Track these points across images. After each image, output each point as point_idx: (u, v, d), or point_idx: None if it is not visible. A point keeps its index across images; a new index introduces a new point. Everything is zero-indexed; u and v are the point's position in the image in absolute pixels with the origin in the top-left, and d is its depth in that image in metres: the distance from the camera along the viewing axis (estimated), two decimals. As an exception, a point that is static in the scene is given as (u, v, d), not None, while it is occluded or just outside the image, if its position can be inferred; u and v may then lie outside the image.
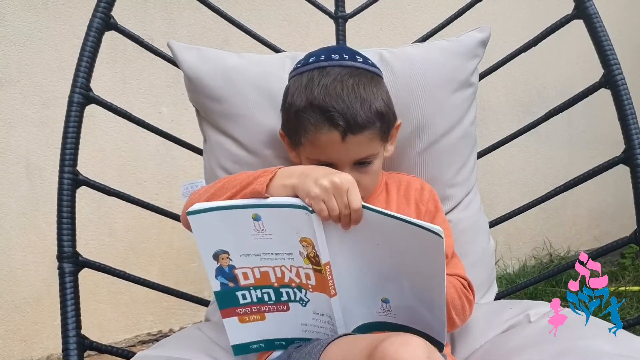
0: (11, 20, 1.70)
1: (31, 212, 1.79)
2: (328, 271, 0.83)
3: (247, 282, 0.87)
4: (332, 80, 0.94)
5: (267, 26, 1.93)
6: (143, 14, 1.83)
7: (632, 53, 2.49)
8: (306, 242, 0.82)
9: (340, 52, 1.00)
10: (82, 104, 1.13)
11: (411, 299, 0.86)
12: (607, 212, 2.69)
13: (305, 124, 0.95)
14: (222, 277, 0.86)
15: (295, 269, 0.85)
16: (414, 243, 0.80)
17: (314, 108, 0.94)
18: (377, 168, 1.01)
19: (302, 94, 0.96)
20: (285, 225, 0.82)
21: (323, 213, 0.81)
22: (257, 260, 0.85)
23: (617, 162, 1.15)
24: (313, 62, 1.00)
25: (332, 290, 0.85)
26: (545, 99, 2.44)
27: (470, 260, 1.18)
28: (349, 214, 0.82)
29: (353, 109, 0.92)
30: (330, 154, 0.96)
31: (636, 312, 1.94)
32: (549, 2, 2.29)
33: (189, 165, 1.89)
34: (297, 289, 0.87)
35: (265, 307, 0.89)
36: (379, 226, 0.81)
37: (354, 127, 0.92)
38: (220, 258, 0.85)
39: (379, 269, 0.85)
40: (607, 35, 1.16)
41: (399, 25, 2.20)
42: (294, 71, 1.03)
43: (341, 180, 0.83)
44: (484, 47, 1.24)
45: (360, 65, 0.99)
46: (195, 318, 2.00)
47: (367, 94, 0.95)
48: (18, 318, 1.80)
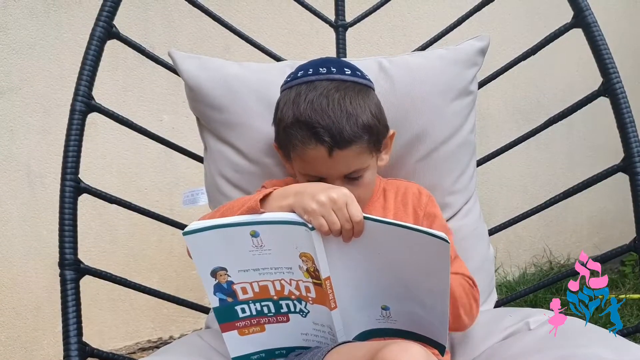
0: (13, 28, 1.71)
1: (32, 219, 1.79)
2: (328, 285, 0.83)
3: (246, 297, 0.86)
4: (318, 95, 0.94)
5: (268, 34, 1.95)
6: (144, 22, 1.84)
7: (631, 61, 2.50)
8: (306, 257, 0.82)
9: (328, 65, 1.00)
10: (84, 112, 1.14)
11: (412, 305, 0.86)
12: (607, 220, 2.69)
13: (293, 140, 0.95)
14: (220, 293, 0.86)
15: (295, 282, 0.85)
16: (418, 250, 0.80)
17: (300, 124, 0.94)
18: (369, 180, 1.01)
19: (289, 109, 0.96)
20: (284, 240, 0.82)
21: (323, 228, 0.81)
22: (255, 275, 0.85)
23: (616, 170, 1.15)
24: (301, 75, 1.00)
25: (333, 303, 0.84)
26: (545, 106, 2.44)
27: (470, 268, 1.17)
28: (351, 227, 0.82)
29: (339, 124, 0.92)
30: (319, 169, 0.96)
31: (636, 319, 1.94)
32: (548, 11, 2.31)
33: (189, 173, 1.90)
34: (297, 301, 0.86)
35: (265, 319, 0.89)
36: (381, 236, 0.81)
37: (340, 142, 0.92)
38: (218, 275, 0.84)
39: (379, 278, 0.85)
40: (606, 44, 1.16)
41: (399, 33, 2.21)
42: (284, 84, 1.03)
43: (339, 195, 0.83)
44: (482, 55, 1.25)
45: (347, 77, 0.99)
46: (195, 325, 2.00)
47: (354, 107, 0.95)
48: (19, 325, 1.80)
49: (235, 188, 1.19)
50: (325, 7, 1.49)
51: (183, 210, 1.50)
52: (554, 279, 1.25)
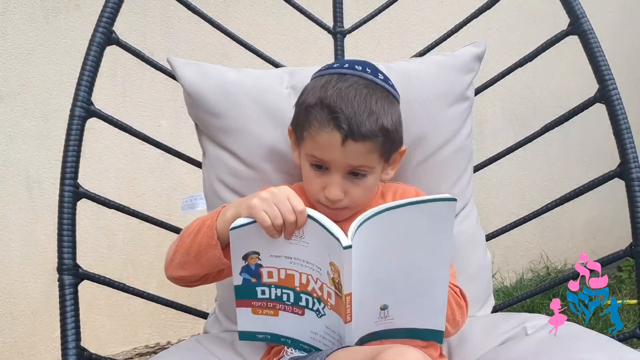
0: (12, 34, 1.72)
1: (30, 224, 1.79)
2: (348, 301, 0.82)
3: (270, 281, 0.87)
4: (347, 86, 0.97)
5: (266, 41, 1.95)
6: (143, 28, 1.85)
7: (627, 67, 2.51)
8: (334, 267, 0.81)
9: (364, 66, 1.02)
10: (84, 117, 1.14)
11: (411, 293, 0.86)
12: (603, 226, 2.70)
13: (311, 119, 0.97)
14: (246, 274, 0.87)
15: (320, 282, 0.85)
16: (423, 223, 0.80)
17: (323, 106, 0.96)
18: (370, 184, 1.01)
19: (316, 92, 0.99)
20: (321, 242, 0.82)
21: (265, 222, 0.82)
22: (286, 263, 0.86)
23: (612, 176, 1.16)
24: (336, 67, 1.03)
25: (348, 317, 0.84)
26: (542, 112, 2.45)
27: (467, 274, 1.18)
28: (294, 220, 0.82)
29: (360, 116, 0.94)
30: (327, 154, 0.97)
31: (633, 325, 1.94)
32: (544, 18, 2.33)
33: (188, 178, 1.90)
34: (317, 300, 0.87)
35: (281, 306, 0.89)
36: (385, 228, 0.81)
37: (356, 134, 0.94)
38: (250, 258, 0.86)
39: (381, 275, 0.85)
40: (602, 51, 1.17)
41: (397, 40, 2.22)
42: (316, 73, 1.06)
43: (279, 189, 0.85)
44: (479, 61, 1.26)
45: (379, 81, 1.01)
46: (193, 330, 2.00)
47: (378, 107, 0.97)
48: (16, 330, 1.80)
49: (234, 193, 1.19)
50: (323, 14, 1.50)
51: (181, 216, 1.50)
52: (551, 284, 1.26)
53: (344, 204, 1.00)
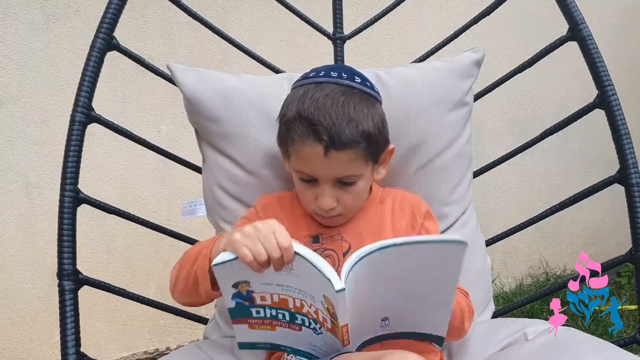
0: (12, 39, 1.72)
1: (29, 229, 1.79)
2: (345, 330, 0.81)
3: (264, 303, 0.86)
4: (324, 96, 0.95)
5: (266, 46, 1.96)
6: (143, 34, 1.85)
7: (625, 73, 2.52)
8: (327, 300, 0.79)
9: (340, 71, 1.01)
10: (84, 123, 1.14)
11: (414, 310, 0.85)
12: (602, 231, 2.70)
13: (292, 134, 0.96)
14: (238, 299, 0.85)
15: (314, 307, 0.83)
16: (430, 260, 0.79)
17: (301, 119, 0.95)
18: (360, 189, 1.01)
19: (294, 105, 0.97)
20: (312, 278, 0.80)
21: (247, 258, 0.79)
22: (278, 289, 0.84)
23: (612, 182, 1.16)
24: (312, 76, 1.01)
25: (346, 342, 0.83)
26: (541, 118, 2.46)
27: (467, 279, 1.18)
28: (280, 256, 0.80)
29: (339, 125, 0.93)
30: (313, 167, 0.97)
31: (633, 330, 1.94)
32: (543, 23, 2.33)
33: (187, 184, 1.90)
34: (313, 320, 0.85)
35: (278, 323, 0.88)
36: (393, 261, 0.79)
37: (337, 143, 0.93)
38: (240, 286, 0.84)
39: (382, 303, 0.84)
40: (601, 57, 1.17)
41: (397, 46, 2.23)
42: (295, 83, 1.04)
43: (264, 224, 0.83)
44: (478, 67, 1.26)
45: (356, 85, 1.00)
46: (192, 336, 2.00)
47: (357, 113, 0.95)
48: (15, 336, 1.80)
49: (233, 199, 1.19)
50: (323, 20, 1.51)
51: (181, 221, 1.50)
52: (550, 289, 1.26)
53: (337, 212, 1.00)
